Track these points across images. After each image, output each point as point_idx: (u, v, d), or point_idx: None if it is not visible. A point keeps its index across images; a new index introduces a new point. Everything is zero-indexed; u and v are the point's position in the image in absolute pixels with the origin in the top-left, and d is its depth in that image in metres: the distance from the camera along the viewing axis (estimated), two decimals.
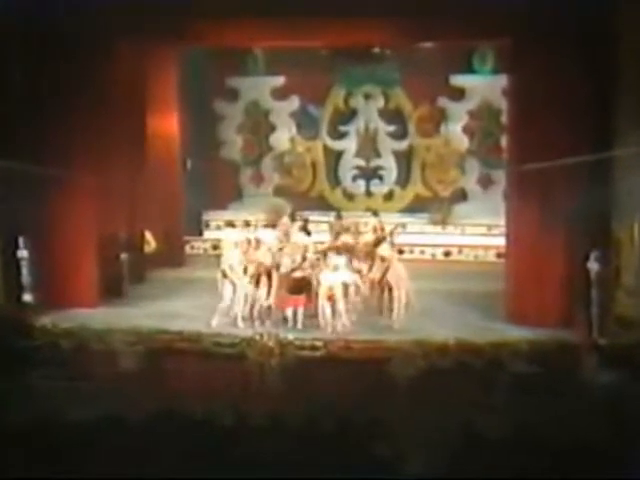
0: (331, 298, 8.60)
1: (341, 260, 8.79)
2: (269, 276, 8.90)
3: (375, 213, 10.98)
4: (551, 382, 7.64)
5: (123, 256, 10.67)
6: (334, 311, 8.58)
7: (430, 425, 7.00)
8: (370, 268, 9.09)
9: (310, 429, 5.70)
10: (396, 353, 8.00)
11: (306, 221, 10.33)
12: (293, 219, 10.48)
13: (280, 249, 9.23)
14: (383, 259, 8.91)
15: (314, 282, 8.81)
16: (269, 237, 9.31)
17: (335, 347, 8.11)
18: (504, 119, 12.06)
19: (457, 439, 5.47)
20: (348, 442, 5.38)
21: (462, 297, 10.16)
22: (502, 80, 11.84)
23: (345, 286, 8.61)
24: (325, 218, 12.62)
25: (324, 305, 8.57)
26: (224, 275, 8.80)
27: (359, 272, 8.96)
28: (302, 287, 8.76)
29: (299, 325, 8.70)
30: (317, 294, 8.75)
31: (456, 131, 13.98)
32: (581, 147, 8.43)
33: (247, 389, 8.09)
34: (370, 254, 9.25)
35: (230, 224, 9.42)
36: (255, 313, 8.95)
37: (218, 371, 8.22)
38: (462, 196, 14.15)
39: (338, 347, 8.11)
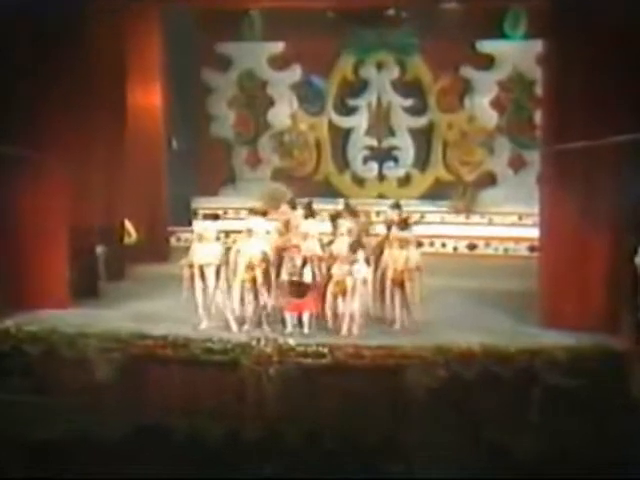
0: (344, 294, 8.51)
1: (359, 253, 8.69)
2: (266, 273, 8.83)
3: (397, 205, 10.78)
4: (593, 396, 7.60)
5: (99, 249, 10.63)
6: (348, 311, 8.50)
7: (452, 445, 6.93)
8: (378, 259, 9.00)
9: (314, 449, 5.64)
10: (413, 361, 7.93)
11: (309, 204, 10.21)
12: (293, 207, 10.39)
13: (283, 247, 9.12)
14: (404, 244, 8.77)
15: (324, 278, 8.72)
16: (262, 227, 9.22)
17: (343, 354, 8.05)
18: (539, 91, 11.96)
19: (483, 462, 5.40)
20: (357, 465, 5.33)
21: (489, 296, 10.11)
22: (537, 46, 11.73)
23: (363, 281, 8.53)
24: (331, 206, 12.59)
25: (337, 304, 8.49)
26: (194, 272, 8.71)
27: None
28: (305, 290, 8.71)
29: (306, 329, 8.65)
30: (326, 292, 8.67)
31: (483, 105, 13.92)
32: (629, 124, 8.30)
33: (241, 402, 8.05)
34: (382, 245, 9.16)
35: (212, 215, 9.30)
36: (250, 314, 8.88)
37: (208, 382, 8.20)
38: (490, 180, 14.10)
39: (346, 354, 8.05)
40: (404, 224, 9.18)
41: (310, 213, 9.79)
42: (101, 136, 10.74)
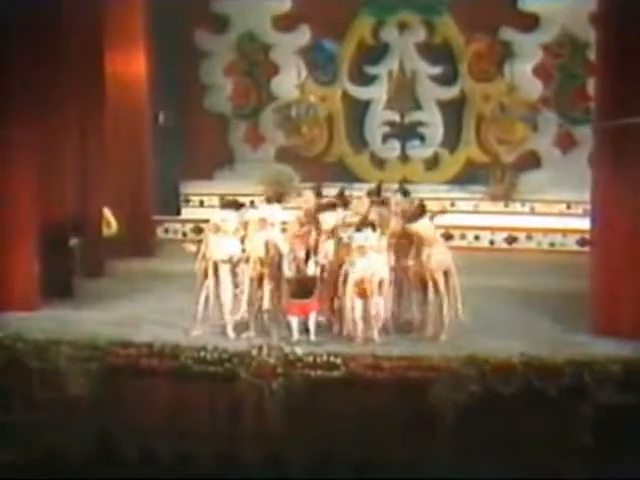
0: (363, 294, 8.51)
1: (373, 238, 8.64)
2: (277, 270, 8.88)
3: (404, 191, 10.68)
4: None
5: (73, 242, 10.65)
6: (367, 313, 8.50)
7: (488, 473, 6.92)
8: (398, 256, 9.01)
9: (324, 478, 5.64)
10: (441, 374, 7.89)
11: (341, 194, 10.18)
12: (319, 194, 10.39)
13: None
14: (421, 240, 8.79)
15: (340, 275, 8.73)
16: (279, 216, 9.25)
17: (359, 365, 8.03)
18: (592, 56, 11.87)
19: None
20: None
21: (531, 298, 10.10)
22: (590, 3, 11.63)
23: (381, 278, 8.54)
24: (346, 193, 12.58)
25: (353, 305, 8.49)
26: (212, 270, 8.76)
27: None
28: (311, 288, 8.71)
29: (312, 336, 8.67)
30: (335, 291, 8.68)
31: (525, 73, 13.84)
32: None
33: (239, 422, 8.05)
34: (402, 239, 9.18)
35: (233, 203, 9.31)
36: (253, 318, 8.92)
37: (201, 397, 8.19)
38: (533, 162, 14.02)
39: (363, 365, 8.03)
40: (414, 215, 9.11)
41: (331, 204, 9.72)
42: (75, 110, 10.76)
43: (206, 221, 9.46)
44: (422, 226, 8.96)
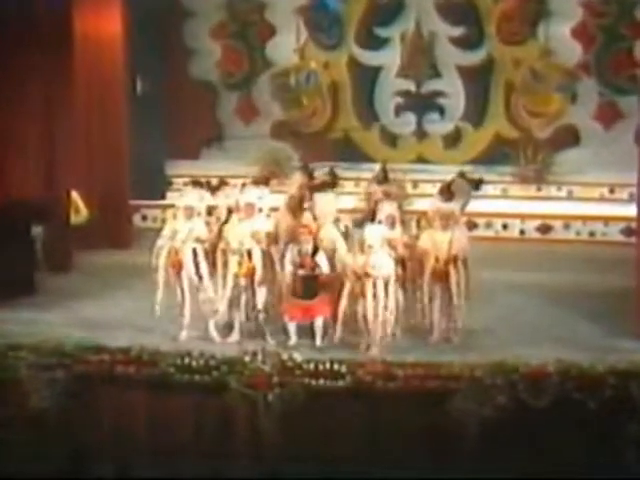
0: (365, 295, 8.52)
1: (381, 231, 8.67)
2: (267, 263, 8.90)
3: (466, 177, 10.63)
4: None
5: (36, 230, 10.68)
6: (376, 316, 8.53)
7: None
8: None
9: None
10: (464, 384, 7.90)
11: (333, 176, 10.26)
12: (310, 176, 10.40)
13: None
14: (448, 219, 8.81)
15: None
16: (264, 201, 9.25)
17: (367, 373, 8.04)
18: None
19: None
20: None
21: (568, 297, 10.10)
22: None
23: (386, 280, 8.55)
24: (353, 173, 12.58)
25: (367, 307, 8.51)
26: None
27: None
28: (317, 287, 8.72)
29: (319, 340, 8.70)
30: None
31: (563, 34, 13.78)
32: None
33: (230, 439, 8.07)
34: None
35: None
36: (243, 319, 8.95)
37: (185, 411, 8.22)
38: (571, 138, 13.98)
39: (372, 373, 8.04)
40: (449, 193, 9.17)
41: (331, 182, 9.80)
42: (38, 76, 10.74)
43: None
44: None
